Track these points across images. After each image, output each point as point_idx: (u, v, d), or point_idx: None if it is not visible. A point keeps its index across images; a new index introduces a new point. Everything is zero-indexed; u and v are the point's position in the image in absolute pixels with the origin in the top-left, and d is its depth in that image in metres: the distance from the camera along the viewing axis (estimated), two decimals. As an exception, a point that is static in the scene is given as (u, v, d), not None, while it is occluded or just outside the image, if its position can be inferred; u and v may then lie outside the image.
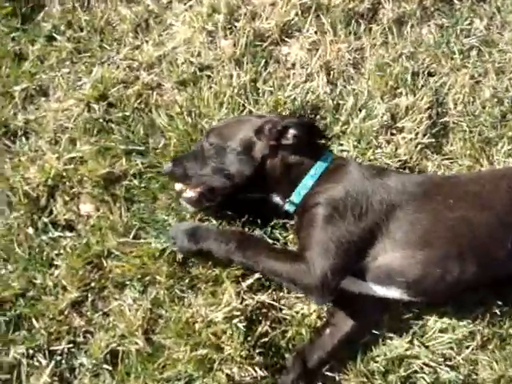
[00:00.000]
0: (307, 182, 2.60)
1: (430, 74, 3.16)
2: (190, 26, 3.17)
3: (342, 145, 2.93)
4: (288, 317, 2.68)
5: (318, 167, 2.63)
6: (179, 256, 2.66)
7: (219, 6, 3.19)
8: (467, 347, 2.67)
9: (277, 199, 2.68)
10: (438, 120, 3.04)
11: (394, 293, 2.54)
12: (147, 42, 3.19)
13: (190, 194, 2.65)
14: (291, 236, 2.76)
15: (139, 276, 2.66)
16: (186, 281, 2.66)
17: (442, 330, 2.69)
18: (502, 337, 2.70)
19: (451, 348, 2.67)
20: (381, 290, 2.55)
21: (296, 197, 2.61)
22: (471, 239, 2.46)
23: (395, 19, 3.26)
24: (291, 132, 2.56)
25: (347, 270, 2.48)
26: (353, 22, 3.22)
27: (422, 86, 3.07)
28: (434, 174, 2.93)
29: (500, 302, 2.71)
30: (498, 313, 2.69)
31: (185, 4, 3.27)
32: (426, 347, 2.66)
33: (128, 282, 2.67)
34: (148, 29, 3.24)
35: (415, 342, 2.66)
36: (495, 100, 3.10)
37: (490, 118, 3.04)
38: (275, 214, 2.75)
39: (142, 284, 2.66)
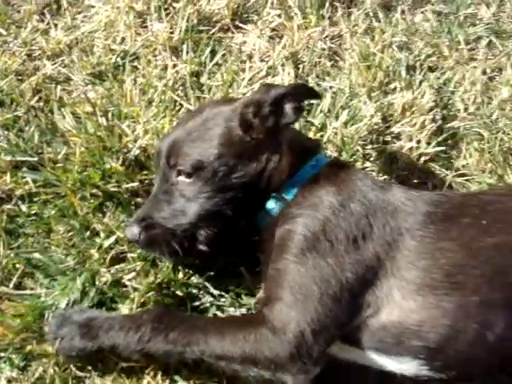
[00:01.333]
0: (305, 175, 1.84)
1: (430, 69, 2.49)
2: (113, 5, 2.47)
3: (316, 156, 2.16)
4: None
5: (320, 159, 1.91)
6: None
7: (154, -20, 2.51)
8: None
9: (272, 205, 1.85)
10: (445, 125, 2.33)
11: (408, 366, 1.71)
12: (56, 25, 2.47)
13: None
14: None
15: (19, 345, 1.81)
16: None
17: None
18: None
19: None
20: (388, 363, 1.73)
21: (287, 190, 1.84)
22: None
23: (381, 3, 2.62)
24: (288, 105, 1.80)
25: (336, 330, 1.65)
26: (327, 4, 2.56)
27: (421, 82, 2.37)
28: (452, 191, 2.19)
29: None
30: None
31: (109, -21, 2.58)
32: None
33: (2, 354, 1.82)
34: (59, 10, 2.55)
35: None
36: (517, 101, 2.42)
37: (511, 122, 2.35)
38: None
39: (23, 357, 1.82)
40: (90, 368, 1.82)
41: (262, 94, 1.80)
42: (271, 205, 1.82)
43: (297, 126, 2.20)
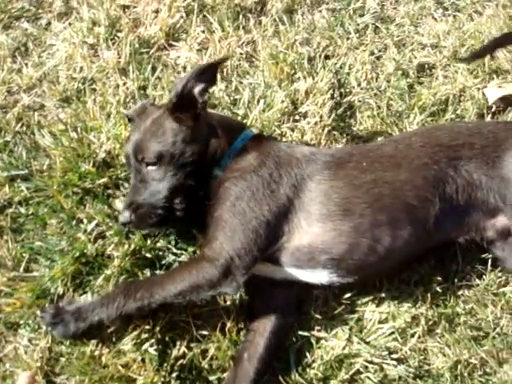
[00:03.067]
0: (237, 146, 2.41)
1: (328, 57, 3.03)
2: (70, 42, 3.02)
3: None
4: (206, 333, 2.37)
5: (247, 133, 2.47)
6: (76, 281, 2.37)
7: (99, 19, 3.05)
8: (412, 335, 2.40)
9: (216, 172, 2.40)
10: (343, 100, 2.88)
11: (320, 275, 2.30)
12: (26, 64, 3.01)
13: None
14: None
15: (32, 314, 2.34)
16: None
17: (381, 321, 2.42)
18: (449, 317, 2.43)
19: (395, 339, 2.38)
20: (304, 275, 2.31)
21: (225, 160, 2.39)
22: (395, 200, 2.28)
23: (285, 9, 3.17)
24: (196, 90, 2.31)
25: (259, 253, 2.22)
26: (240, 17, 3.11)
27: (321, 68, 2.92)
28: (346, 146, 2.75)
29: (439, 278, 2.47)
30: (440, 290, 2.45)
31: (64, 22, 3.12)
32: (367, 343, 2.38)
33: (21, 322, 2.35)
34: (27, 52, 3.07)
35: (353, 338, 2.38)
36: (400, 72, 2.97)
37: (396, 90, 2.90)
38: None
39: (37, 321, 2.34)
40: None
41: (173, 91, 2.33)
42: (216, 172, 2.37)
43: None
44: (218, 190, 2.31)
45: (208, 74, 2.34)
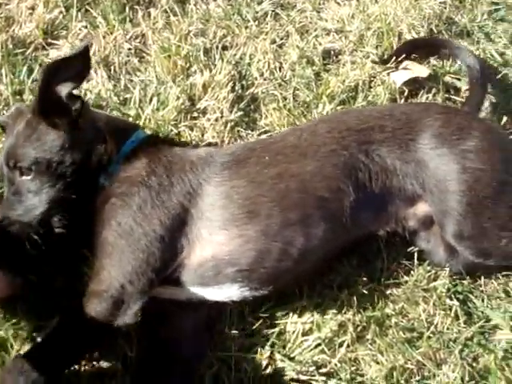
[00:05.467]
0: (126, 150, 2.10)
1: (226, 48, 2.78)
2: None
3: (136, 141, 2.41)
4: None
5: (138, 135, 2.17)
6: None
7: (-34, 19, 2.68)
8: (341, 345, 2.13)
9: (102, 181, 2.08)
10: (245, 93, 2.63)
11: (229, 291, 2.02)
12: None
13: None
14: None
15: None
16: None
17: (305, 333, 2.15)
18: (378, 321, 2.18)
19: (322, 351, 2.11)
20: (211, 293, 2.02)
21: (112, 167, 2.07)
22: (304, 195, 2.03)
23: (176, -1, 2.90)
24: (63, 93, 1.98)
25: (154, 275, 1.93)
26: (127, 9, 2.83)
27: (219, 60, 2.67)
28: (247, 142, 2.49)
29: (365, 279, 2.25)
30: (366, 292, 2.21)
31: None
32: (291, 358, 2.10)
33: None
34: None
35: (276, 355, 2.10)
36: (305, 60, 2.74)
37: (302, 80, 2.67)
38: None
39: None
40: None
41: (37, 94, 1.99)
42: (101, 181, 2.05)
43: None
44: (104, 206, 2.00)
45: (72, 69, 1.96)
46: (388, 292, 2.25)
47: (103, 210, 1.99)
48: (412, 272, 2.28)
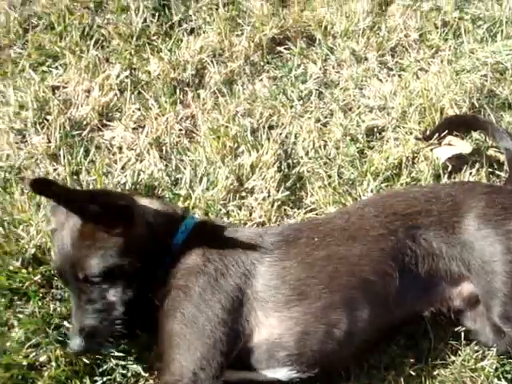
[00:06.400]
0: (177, 242, 2.15)
1: (272, 128, 2.87)
2: None
3: (188, 221, 2.49)
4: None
5: (188, 224, 2.20)
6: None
7: (27, 102, 2.85)
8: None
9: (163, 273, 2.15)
10: (291, 172, 2.71)
11: (281, 374, 2.06)
12: None
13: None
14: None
15: None
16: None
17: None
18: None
19: None
20: (269, 373, 2.07)
21: (168, 258, 2.13)
22: (352, 278, 2.09)
23: (224, 80, 3.03)
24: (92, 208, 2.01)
25: (223, 357, 1.99)
26: (178, 91, 2.97)
27: (265, 140, 2.76)
28: (294, 222, 2.56)
29: (412, 360, 2.24)
30: (413, 373, 2.21)
31: (-12, 108, 2.93)
32: None
33: None
34: None
35: None
36: (348, 138, 2.81)
37: (346, 157, 2.74)
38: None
39: None
40: None
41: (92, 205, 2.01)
42: (160, 273, 2.11)
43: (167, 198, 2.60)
44: (166, 299, 2.07)
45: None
46: (435, 372, 2.25)
47: (166, 303, 2.06)
48: (459, 352, 2.27)
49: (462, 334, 2.27)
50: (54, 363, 2.15)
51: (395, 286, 2.11)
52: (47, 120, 2.84)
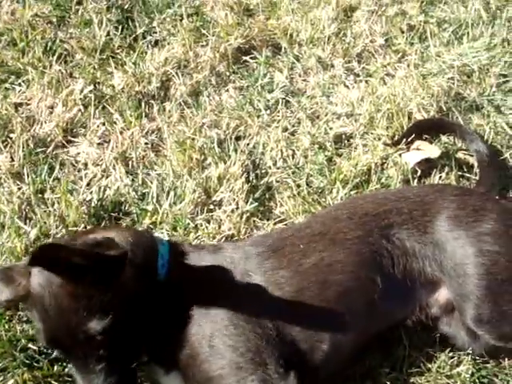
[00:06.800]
0: (160, 278, 2.01)
1: (239, 138, 2.85)
2: None
3: (156, 237, 2.46)
4: None
5: (163, 255, 2.04)
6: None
7: (-13, 122, 2.81)
8: None
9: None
10: (259, 182, 2.68)
11: None
12: None
13: None
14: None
15: None
16: None
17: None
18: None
19: None
20: None
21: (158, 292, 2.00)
22: (339, 287, 2.06)
23: (189, 92, 3.00)
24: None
25: (279, 357, 1.93)
26: (143, 104, 2.93)
27: (233, 151, 2.74)
28: (263, 233, 2.52)
29: (387, 369, 2.21)
30: (389, 383, 2.18)
31: None
32: None
33: None
34: None
35: None
36: (317, 146, 2.79)
37: (315, 165, 2.72)
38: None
39: None
40: None
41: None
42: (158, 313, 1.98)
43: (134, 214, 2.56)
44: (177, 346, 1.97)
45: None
46: (411, 380, 2.22)
47: (182, 352, 1.96)
48: (434, 359, 2.25)
49: (437, 339, 2.26)
50: (19, 389, 2.09)
51: (378, 292, 2.08)
52: (10, 138, 2.79)
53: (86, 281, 1.78)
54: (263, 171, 2.73)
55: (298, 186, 2.67)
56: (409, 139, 2.76)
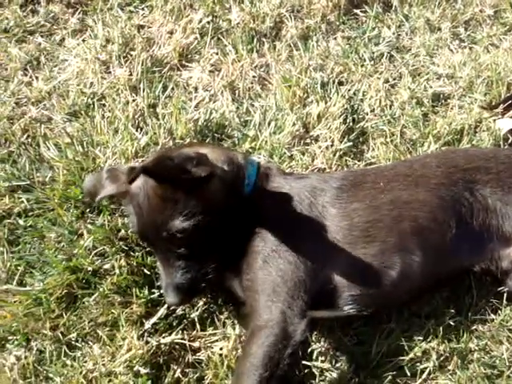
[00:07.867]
0: (248, 189, 2.25)
1: (341, 83, 2.98)
2: (82, 58, 3.01)
3: (253, 160, 2.63)
4: (204, 359, 2.26)
5: (250, 176, 2.26)
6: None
7: (113, 37, 3.05)
8: (423, 371, 2.24)
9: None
10: (355, 126, 2.81)
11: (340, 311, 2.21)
12: (37, 78, 3.00)
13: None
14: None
15: (22, 328, 2.26)
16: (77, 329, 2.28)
17: (389, 353, 2.27)
18: (461, 353, 2.27)
19: (404, 374, 2.23)
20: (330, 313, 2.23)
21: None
22: (413, 223, 2.19)
23: (299, 35, 3.15)
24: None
25: (306, 294, 2.10)
26: (255, 40, 3.11)
27: (334, 93, 2.87)
28: (355, 168, 2.67)
29: (452, 311, 2.34)
30: (453, 324, 2.31)
31: (78, 39, 3.13)
32: (374, 376, 2.23)
33: (10, 337, 2.27)
34: (39, 66, 3.07)
35: (360, 372, 2.23)
36: (414, 101, 2.90)
37: (411, 118, 2.83)
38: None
39: (26, 337, 2.26)
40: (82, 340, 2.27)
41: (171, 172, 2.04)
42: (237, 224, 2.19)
43: (236, 138, 2.75)
44: (245, 247, 2.17)
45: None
46: (474, 327, 2.34)
47: (247, 252, 2.16)
48: (499, 311, 2.35)
49: (505, 294, 2.33)
50: (117, 271, 2.32)
51: (451, 235, 2.19)
52: (131, 55, 3.02)
53: (176, 187, 2.05)
54: (360, 116, 2.86)
55: (392, 134, 2.79)
56: (505, 105, 2.82)
